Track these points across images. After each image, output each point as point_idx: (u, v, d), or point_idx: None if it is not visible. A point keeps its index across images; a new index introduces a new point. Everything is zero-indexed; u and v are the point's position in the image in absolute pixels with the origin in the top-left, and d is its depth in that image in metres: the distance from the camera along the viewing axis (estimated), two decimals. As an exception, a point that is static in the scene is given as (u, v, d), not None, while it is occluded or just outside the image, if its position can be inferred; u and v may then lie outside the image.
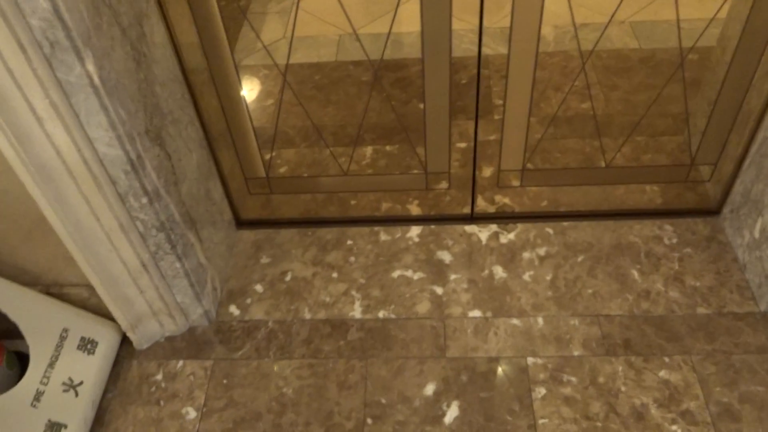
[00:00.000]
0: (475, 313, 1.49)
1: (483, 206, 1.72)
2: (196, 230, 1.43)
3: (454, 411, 1.34)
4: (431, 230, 1.68)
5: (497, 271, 1.57)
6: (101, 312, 1.45)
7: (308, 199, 1.78)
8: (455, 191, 1.75)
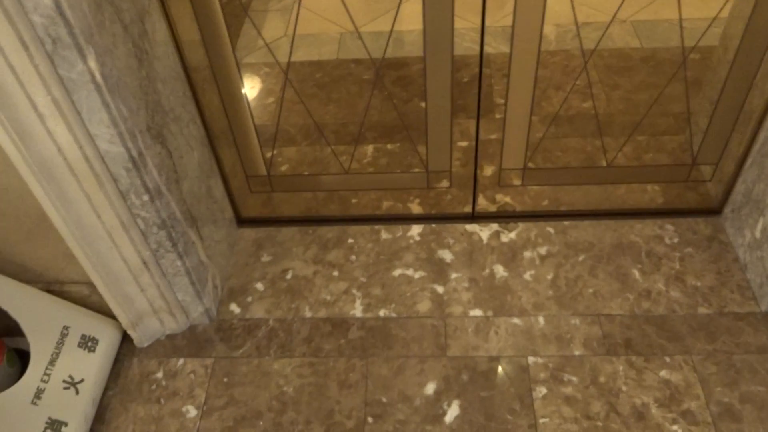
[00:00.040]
0: (476, 312, 1.49)
1: (484, 205, 1.72)
2: (197, 228, 1.43)
3: (455, 410, 1.34)
4: (432, 229, 1.68)
5: (498, 270, 1.57)
6: (102, 310, 1.45)
7: (309, 198, 1.78)
8: (456, 190, 1.75)
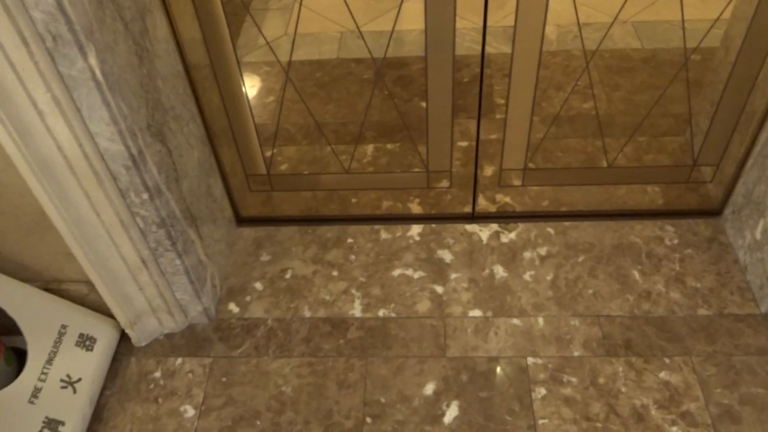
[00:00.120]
0: (476, 313, 1.49)
1: (484, 205, 1.71)
2: (197, 227, 1.43)
3: (454, 411, 1.34)
4: (432, 229, 1.68)
5: (498, 271, 1.57)
6: (100, 309, 1.44)
7: (309, 197, 1.78)
8: (456, 190, 1.75)
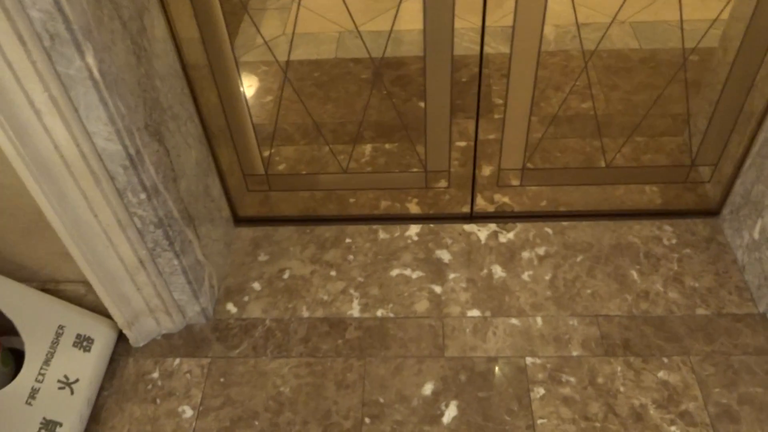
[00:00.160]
0: (474, 313, 1.49)
1: (482, 205, 1.71)
2: (194, 227, 1.42)
3: (453, 411, 1.33)
4: (430, 229, 1.67)
5: (496, 271, 1.57)
6: (98, 309, 1.44)
7: (307, 197, 1.77)
8: (455, 190, 1.75)
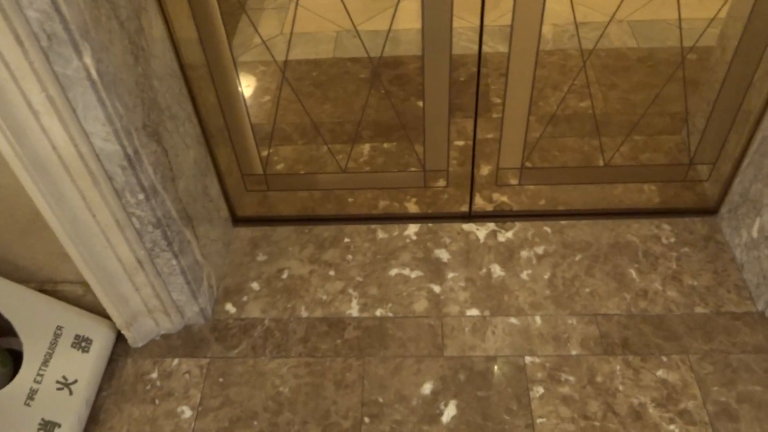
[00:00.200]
0: (473, 312, 1.49)
1: (481, 204, 1.71)
2: (193, 227, 1.42)
3: (452, 410, 1.33)
4: (429, 228, 1.67)
5: (495, 270, 1.57)
6: (96, 309, 1.44)
7: (305, 197, 1.77)
8: (453, 189, 1.75)
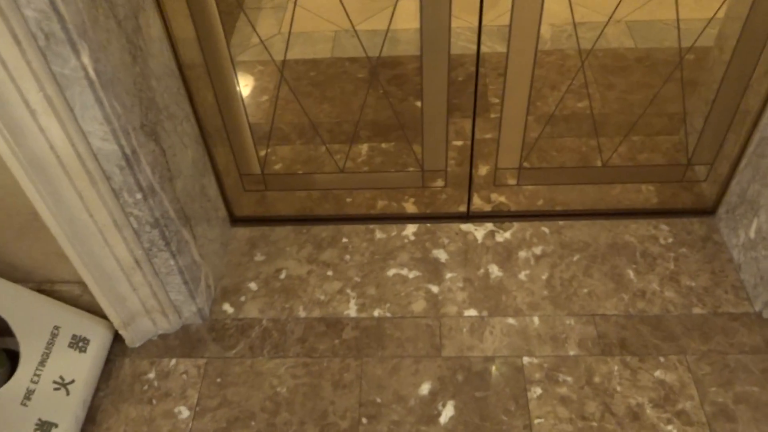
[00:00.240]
0: (471, 312, 1.49)
1: (479, 205, 1.71)
2: (191, 227, 1.42)
3: (450, 411, 1.33)
4: (427, 228, 1.67)
5: (493, 270, 1.57)
6: (93, 309, 1.43)
7: (303, 197, 1.77)
8: (451, 189, 1.74)
